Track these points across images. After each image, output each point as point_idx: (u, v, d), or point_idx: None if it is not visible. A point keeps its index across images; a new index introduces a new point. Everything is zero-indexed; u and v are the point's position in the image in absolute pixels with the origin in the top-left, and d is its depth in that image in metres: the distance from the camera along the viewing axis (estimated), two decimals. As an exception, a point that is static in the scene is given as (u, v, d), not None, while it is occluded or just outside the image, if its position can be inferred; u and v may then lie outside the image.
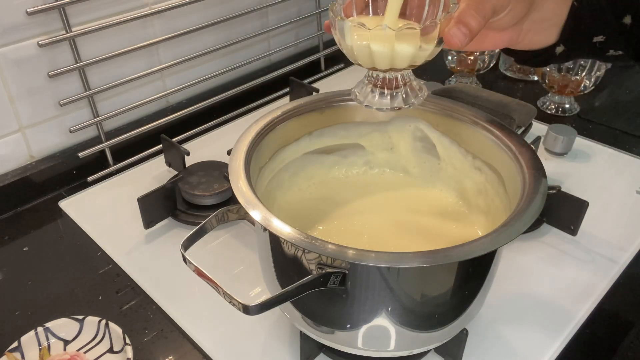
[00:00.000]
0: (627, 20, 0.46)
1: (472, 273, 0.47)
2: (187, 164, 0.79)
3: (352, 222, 0.58)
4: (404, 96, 0.49)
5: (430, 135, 0.60)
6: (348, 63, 1.14)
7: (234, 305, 0.42)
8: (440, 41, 0.45)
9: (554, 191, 0.68)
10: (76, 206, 0.78)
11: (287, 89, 0.98)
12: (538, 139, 0.80)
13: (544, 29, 0.48)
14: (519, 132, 0.66)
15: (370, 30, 0.43)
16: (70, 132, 0.82)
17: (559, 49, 0.49)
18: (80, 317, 0.58)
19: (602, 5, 0.47)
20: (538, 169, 0.49)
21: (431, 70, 1.10)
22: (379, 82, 0.49)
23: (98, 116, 0.84)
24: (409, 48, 0.44)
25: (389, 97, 0.49)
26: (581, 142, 0.88)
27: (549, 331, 0.59)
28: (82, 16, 0.79)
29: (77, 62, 0.79)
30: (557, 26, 0.48)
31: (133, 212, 0.72)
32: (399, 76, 0.48)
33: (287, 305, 0.50)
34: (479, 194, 0.58)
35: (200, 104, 0.94)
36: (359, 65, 0.47)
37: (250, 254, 0.69)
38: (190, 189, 0.75)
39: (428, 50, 0.45)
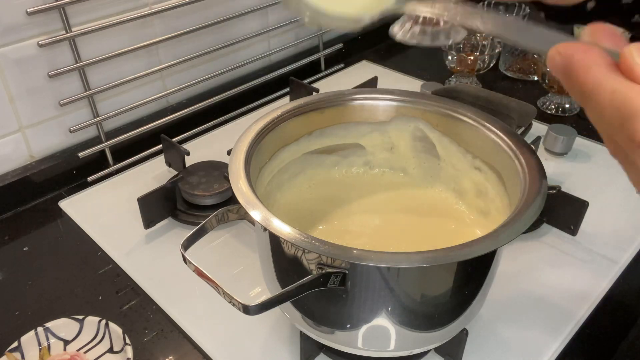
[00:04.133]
0: None
1: (472, 273, 0.47)
2: (187, 164, 0.79)
3: (352, 222, 0.58)
4: (444, 33, 0.49)
5: (430, 135, 0.60)
6: (348, 63, 1.15)
7: (234, 305, 0.42)
8: None
9: (554, 191, 0.68)
10: (76, 206, 0.78)
11: (287, 89, 0.98)
12: (538, 139, 0.80)
13: None
14: (519, 132, 0.66)
15: None
16: (70, 132, 0.82)
17: (591, 4, 0.50)
18: (80, 317, 0.58)
19: None
20: (538, 169, 0.49)
21: (431, 70, 1.10)
22: (420, 20, 0.49)
23: (98, 116, 0.84)
24: None
25: (430, 33, 0.49)
26: (581, 142, 0.88)
27: (549, 331, 0.59)
28: (82, 16, 0.79)
29: (77, 62, 0.79)
30: None
31: (133, 212, 0.72)
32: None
33: (287, 305, 0.50)
34: (478, 194, 0.58)
35: (200, 104, 0.94)
36: None
37: (250, 254, 0.69)
38: (190, 189, 0.75)
39: None
